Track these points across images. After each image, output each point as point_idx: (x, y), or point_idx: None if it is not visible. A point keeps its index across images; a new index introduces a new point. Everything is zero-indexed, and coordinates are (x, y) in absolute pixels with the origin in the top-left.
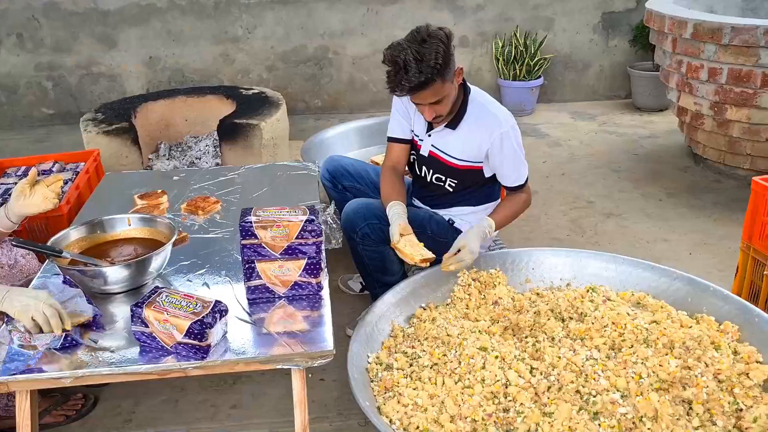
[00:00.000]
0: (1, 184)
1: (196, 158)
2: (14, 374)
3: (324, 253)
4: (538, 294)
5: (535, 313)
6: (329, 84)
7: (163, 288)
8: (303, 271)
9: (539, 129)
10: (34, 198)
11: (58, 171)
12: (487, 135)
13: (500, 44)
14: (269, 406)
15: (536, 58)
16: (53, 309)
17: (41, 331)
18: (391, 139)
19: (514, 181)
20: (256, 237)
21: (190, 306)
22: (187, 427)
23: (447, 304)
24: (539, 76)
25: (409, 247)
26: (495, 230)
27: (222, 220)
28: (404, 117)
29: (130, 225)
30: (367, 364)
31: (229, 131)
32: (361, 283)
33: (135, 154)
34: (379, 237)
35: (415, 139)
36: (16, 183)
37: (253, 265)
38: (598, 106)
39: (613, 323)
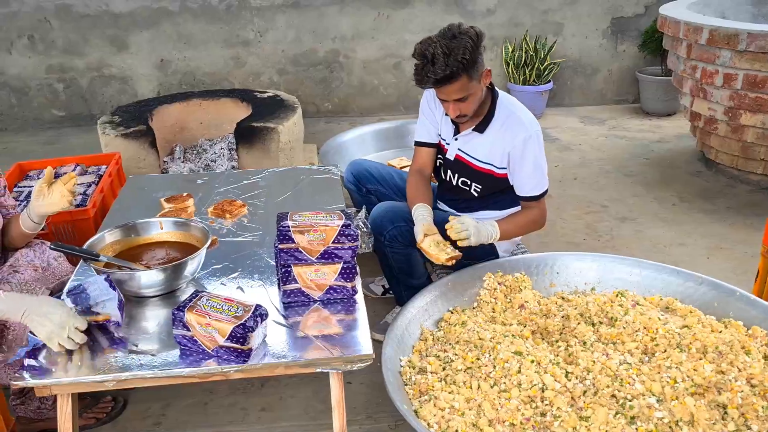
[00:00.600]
0: (24, 186)
1: (211, 161)
2: (57, 378)
3: None
4: (563, 298)
5: (563, 317)
6: (339, 87)
7: (203, 292)
8: (338, 275)
9: (549, 133)
10: (53, 197)
11: (79, 174)
12: (511, 138)
13: (510, 49)
14: (298, 408)
15: (546, 63)
16: (78, 333)
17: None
18: (418, 143)
19: (529, 191)
20: (293, 241)
21: (232, 310)
22: (217, 429)
23: (474, 308)
24: (549, 81)
25: (434, 247)
26: (499, 239)
27: (249, 223)
28: (431, 121)
29: (162, 229)
30: (400, 368)
31: (247, 134)
32: (383, 286)
33: (152, 156)
34: (407, 239)
35: (442, 142)
36: None
37: (289, 269)
38: (606, 111)
39: (645, 328)
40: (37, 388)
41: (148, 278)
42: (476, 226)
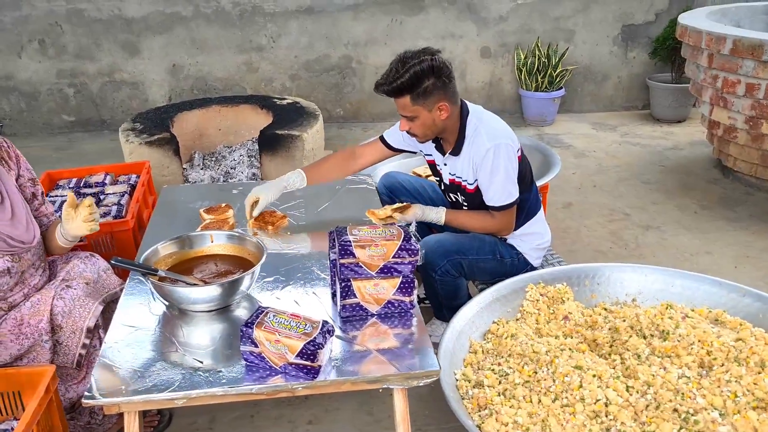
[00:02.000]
0: (56, 196)
1: (231, 168)
2: (128, 396)
3: None
4: (606, 309)
5: (610, 329)
6: (352, 93)
7: (269, 308)
8: (397, 289)
9: (562, 139)
10: (77, 221)
11: (110, 183)
12: (477, 153)
13: (522, 55)
14: (344, 420)
15: (558, 70)
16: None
17: None
18: (382, 138)
19: (491, 201)
20: (354, 256)
21: (300, 326)
22: None
23: (517, 319)
24: (561, 87)
25: (381, 210)
26: (442, 222)
27: (293, 234)
28: (408, 139)
29: (212, 242)
30: (456, 381)
31: (271, 142)
32: (418, 295)
33: (175, 164)
34: (458, 271)
35: (439, 168)
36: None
37: (349, 284)
38: (616, 117)
39: (700, 341)
40: (106, 407)
41: (207, 293)
42: (422, 207)
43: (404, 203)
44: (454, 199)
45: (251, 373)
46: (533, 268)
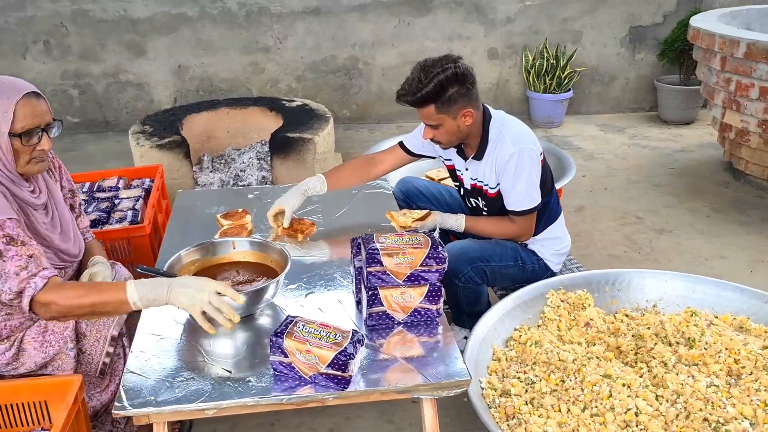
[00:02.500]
0: None
1: (241, 171)
2: (159, 407)
3: None
4: (627, 315)
5: (633, 336)
6: (358, 94)
7: (297, 317)
8: (424, 297)
9: (570, 142)
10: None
11: (123, 187)
12: (500, 157)
13: (530, 57)
14: (365, 428)
15: (567, 71)
16: (220, 300)
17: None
18: (400, 144)
19: (511, 205)
20: (381, 264)
21: (330, 336)
22: None
23: (539, 326)
24: (569, 89)
25: (401, 216)
26: (462, 229)
27: (313, 241)
28: (426, 144)
29: (234, 248)
30: (482, 390)
31: (282, 145)
32: None
33: (186, 167)
34: (481, 278)
35: (459, 173)
36: (84, 200)
37: (376, 292)
38: (624, 119)
39: (727, 349)
40: (136, 417)
41: (233, 302)
42: (441, 215)
43: (424, 210)
44: (474, 204)
45: (280, 382)
46: (553, 274)
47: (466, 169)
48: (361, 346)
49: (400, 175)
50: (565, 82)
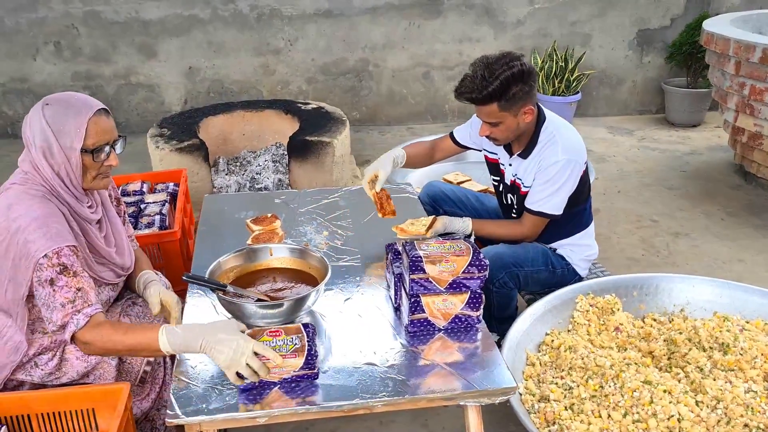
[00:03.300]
0: None
1: (257, 174)
2: (211, 415)
3: None
4: (655, 320)
5: (665, 341)
6: (368, 96)
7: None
8: (465, 304)
9: None
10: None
11: (147, 191)
12: (544, 161)
13: (539, 59)
14: None
15: (576, 74)
16: (259, 362)
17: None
18: (452, 136)
19: (530, 203)
20: (424, 271)
21: (288, 343)
22: None
23: (569, 330)
24: (577, 92)
25: (410, 226)
26: (469, 232)
27: (345, 246)
28: (476, 138)
29: (272, 255)
30: (520, 396)
31: (301, 148)
32: None
33: (205, 170)
34: (514, 283)
35: (502, 167)
36: None
37: (418, 299)
38: (632, 121)
39: (762, 354)
40: (188, 426)
41: (276, 309)
42: (449, 219)
43: (430, 217)
44: (509, 202)
45: (247, 392)
46: (580, 279)
47: (510, 165)
48: (315, 334)
49: (425, 179)
50: (574, 84)
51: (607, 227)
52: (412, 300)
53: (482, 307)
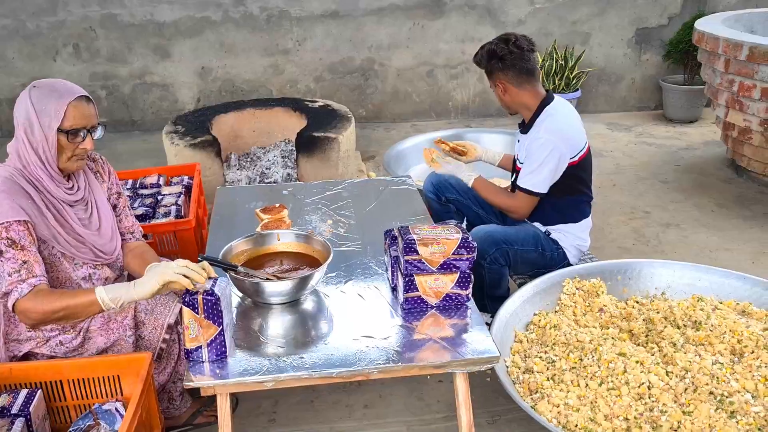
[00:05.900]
0: None
1: (266, 168)
2: (224, 379)
3: None
4: (637, 302)
5: (644, 320)
6: (374, 94)
7: None
8: (455, 283)
9: None
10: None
11: (164, 184)
12: (533, 138)
13: (540, 58)
14: (398, 405)
15: (575, 72)
16: (183, 264)
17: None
18: None
19: (520, 178)
20: (417, 253)
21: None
22: (329, 426)
23: (556, 311)
24: (577, 89)
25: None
26: (470, 185)
27: (347, 233)
28: None
29: (279, 240)
30: (506, 368)
31: (308, 144)
32: None
33: (217, 165)
34: (505, 260)
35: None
36: (129, 196)
37: (412, 278)
38: (630, 117)
39: (730, 330)
40: (203, 389)
41: (284, 287)
42: (459, 165)
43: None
44: (513, 178)
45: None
46: (568, 264)
47: (518, 141)
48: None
49: (426, 172)
50: (574, 82)
51: (601, 218)
52: (407, 279)
53: (471, 286)
